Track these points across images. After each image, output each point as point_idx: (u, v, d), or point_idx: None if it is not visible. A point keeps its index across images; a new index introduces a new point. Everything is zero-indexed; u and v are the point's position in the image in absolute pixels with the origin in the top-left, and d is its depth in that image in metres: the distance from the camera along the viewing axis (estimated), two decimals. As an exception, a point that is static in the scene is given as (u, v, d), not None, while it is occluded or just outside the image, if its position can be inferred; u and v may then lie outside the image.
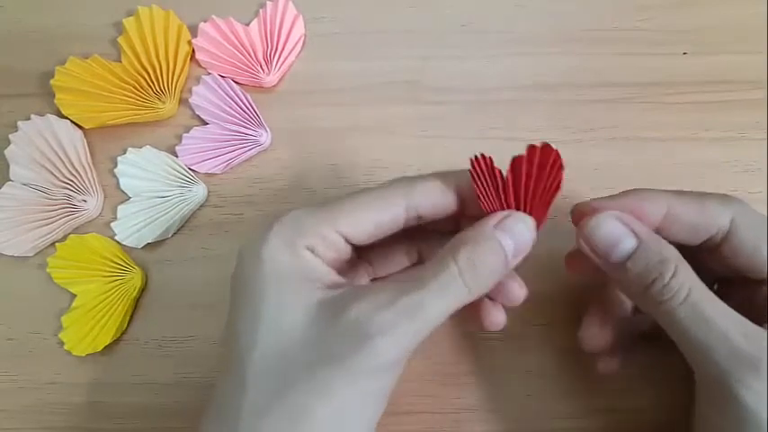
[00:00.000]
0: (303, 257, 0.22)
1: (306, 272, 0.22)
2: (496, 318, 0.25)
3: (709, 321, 0.21)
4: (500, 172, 0.23)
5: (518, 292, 0.24)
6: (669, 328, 0.22)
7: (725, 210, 0.23)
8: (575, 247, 0.24)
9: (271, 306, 0.21)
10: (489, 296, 0.24)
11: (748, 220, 0.23)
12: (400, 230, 0.24)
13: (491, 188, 0.23)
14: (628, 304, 0.26)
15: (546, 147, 0.22)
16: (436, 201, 0.23)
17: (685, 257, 0.22)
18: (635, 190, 0.24)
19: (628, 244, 0.22)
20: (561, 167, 0.22)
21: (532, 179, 0.23)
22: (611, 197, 0.24)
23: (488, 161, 0.23)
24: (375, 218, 0.23)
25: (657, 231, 0.23)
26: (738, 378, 0.20)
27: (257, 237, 0.22)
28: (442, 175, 0.24)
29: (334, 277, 0.23)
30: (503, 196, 0.23)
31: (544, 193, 0.23)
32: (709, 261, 0.24)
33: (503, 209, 0.23)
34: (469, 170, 0.23)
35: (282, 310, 0.21)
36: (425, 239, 0.27)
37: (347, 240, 0.23)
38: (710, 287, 0.22)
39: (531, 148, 0.22)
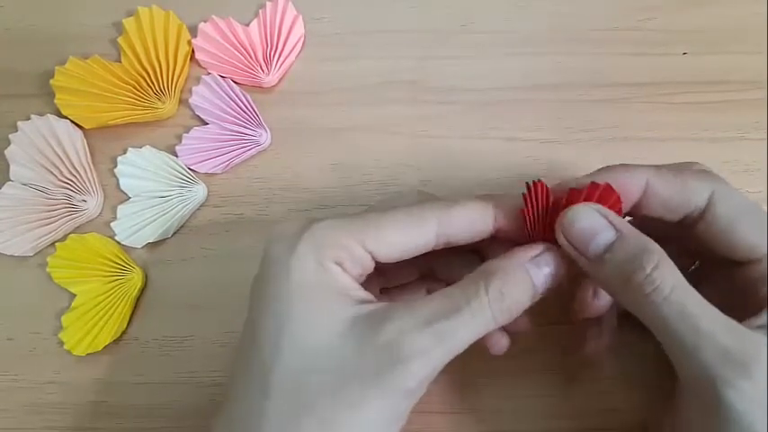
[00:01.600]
0: (331, 271, 0.22)
1: (334, 286, 0.22)
2: (500, 342, 0.25)
3: (695, 319, 0.20)
4: (554, 202, 0.22)
5: (522, 323, 0.24)
6: (653, 325, 0.21)
7: (704, 186, 0.23)
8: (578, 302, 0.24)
9: (296, 317, 0.21)
10: None
11: (726, 197, 0.23)
12: None
13: (539, 217, 0.23)
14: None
15: (608, 188, 0.22)
16: (472, 229, 0.23)
17: (664, 240, 0.22)
18: (613, 166, 0.24)
19: (606, 236, 0.22)
20: (620, 211, 0.22)
21: None
22: (590, 175, 0.24)
23: (544, 189, 0.22)
24: (405, 241, 0.23)
25: (636, 206, 0.23)
26: (726, 379, 0.19)
27: (286, 244, 0.22)
28: (480, 203, 0.23)
29: (362, 293, 0.22)
30: (546, 227, 0.23)
31: None
32: (688, 242, 0.24)
33: (544, 240, 0.23)
34: (523, 194, 0.22)
35: (309, 323, 0.21)
36: (438, 254, 0.26)
37: (374, 258, 0.23)
38: (687, 268, 0.21)
39: (594, 185, 0.22)
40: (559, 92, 0.33)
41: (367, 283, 0.26)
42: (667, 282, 0.21)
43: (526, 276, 0.22)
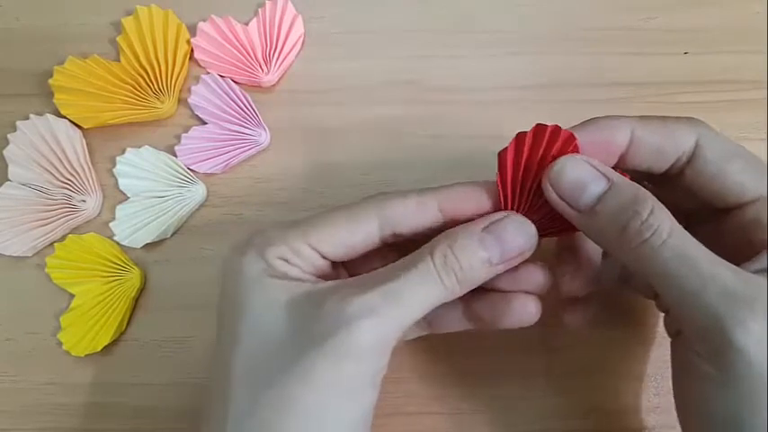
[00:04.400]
0: (275, 264, 0.22)
1: (281, 276, 0.22)
2: (522, 310, 0.23)
3: (696, 261, 0.19)
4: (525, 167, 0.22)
5: (536, 278, 0.23)
6: (651, 273, 0.20)
7: (689, 131, 0.22)
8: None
9: (250, 304, 0.21)
10: (509, 288, 0.24)
11: (713, 141, 0.22)
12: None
13: (510, 181, 0.22)
14: (596, 253, 0.25)
15: (556, 128, 0.22)
16: (413, 219, 0.23)
17: (652, 192, 0.21)
18: (597, 118, 0.23)
19: (597, 186, 0.21)
20: (578, 149, 0.22)
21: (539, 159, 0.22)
22: (574, 127, 0.23)
23: (512, 151, 0.22)
24: (346, 236, 0.23)
25: (623, 158, 0.23)
26: (734, 320, 0.19)
27: (236, 251, 0.23)
28: (420, 193, 0.23)
29: (313, 278, 0.23)
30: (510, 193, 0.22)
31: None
32: (675, 193, 0.23)
33: (507, 208, 0.23)
34: (499, 153, 0.22)
35: (262, 307, 0.21)
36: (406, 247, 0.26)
37: (323, 256, 0.23)
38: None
39: (539, 127, 0.22)
40: (559, 92, 0.33)
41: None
42: (665, 225, 0.20)
43: (474, 242, 0.21)
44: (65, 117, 0.33)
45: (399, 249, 0.24)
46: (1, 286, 0.32)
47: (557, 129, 0.22)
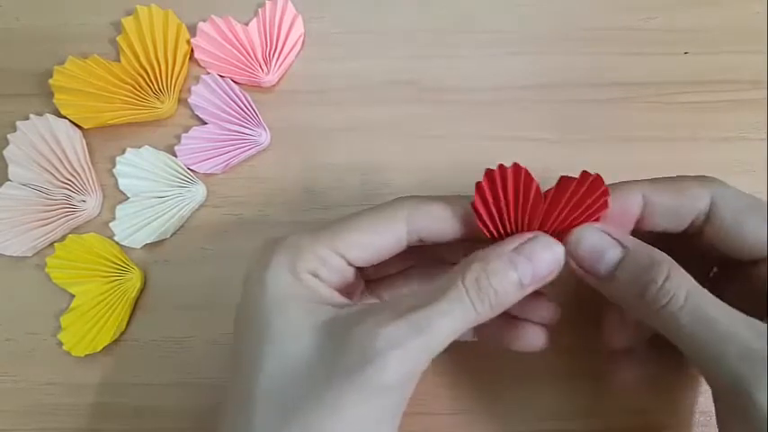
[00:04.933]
0: (305, 281, 0.22)
1: (309, 294, 0.21)
2: (532, 338, 0.24)
3: (715, 322, 0.20)
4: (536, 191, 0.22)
5: (546, 312, 0.24)
6: (673, 336, 0.21)
7: (703, 191, 0.23)
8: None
9: (275, 327, 0.21)
10: (519, 315, 0.24)
11: (728, 199, 0.22)
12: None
13: (515, 207, 0.22)
14: None
15: (598, 179, 0.22)
16: (441, 227, 0.23)
17: (677, 248, 0.22)
18: (609, 186, 0.23)
19: (613, 253, 0.22)
20: (607, 205, 0.22)
21: (571, 205, 0.22)
22: None
23: (516, 173, 0.22)
24: (376, 241, 0.22)
25: (640, 223, 0.23)
26: (754, 379, 0.19)
27: (260, 263, 0.22)
28: (449, 200, 0.23)
29: (340, 298, 0.22)
30: (513, 218, 0.22)
31: (581, 220, 0.22)
32: (699, 248, 0.23)
33: (513, 231, 0.23)
34: (478, 183, 0.22)
35: (287, 331, 0.21)
36: (423, 252, 0.26)
37: (349, 263, 0.23)
38: (707, 275, 0.21)
39: (585, 174, 0.22)
40: (559, 92, 0.33)
41: (355, 288, 0.25)
42: (681, 290, 0.20)
43: (506, 264, 0.21)
44: (65, 117, 0.33)
45: (419, 253, 0.24)
46: (1, 286, 0.32)
47: (599, 179, 0.22)
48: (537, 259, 0.22)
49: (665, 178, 0.24)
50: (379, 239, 0.22)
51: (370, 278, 0.27)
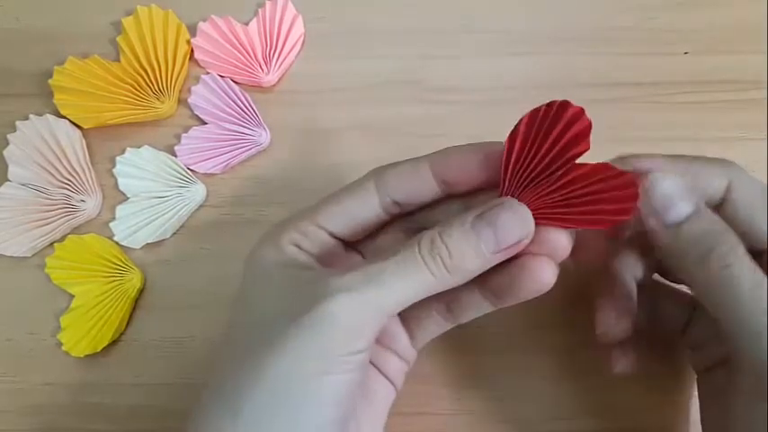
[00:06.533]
0: (286, 251, 0.23)
1: (288, 261, 0.23)
2: (540, 271, 0.22)
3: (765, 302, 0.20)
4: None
5: (558, 241, 0.22)
6: (725, 299, 0.21)
7: (721, 173, 0.23)
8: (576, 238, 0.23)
9: (255, 290, 0.23)
10: (530, 250, 0.22)
11: (744, 184, 0.22)
12: (397, 227, 0.24)
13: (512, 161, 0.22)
14: (634, 295, 0.25)
15: (629, 176, 0.21)
16: (409, 185, 0.23)
17: None
18: (624, 156, 0.24)
19: (686, 206, 0.22)
20: (637, 196, 0.21)
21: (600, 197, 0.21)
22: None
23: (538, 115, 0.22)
24: (349, 209, 0.23)
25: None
26: None
27: (255, 246, 0.24)
28: (414, 159, 0.23)
29: (318, 266, 0.23)
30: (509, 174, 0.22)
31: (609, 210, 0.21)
32: None
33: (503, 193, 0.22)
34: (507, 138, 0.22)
35: (262, 292, 0.22)
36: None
37: (332, 235, 0.23)
38: None
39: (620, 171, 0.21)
40: (559, 92, 0.33)
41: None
42: (746, 260, 0.21)
43: (464, 227, 0.21)
44: (65, 117, 0.33)
45: (414, 232, 0.24)
46: (1, 286, 0.32)
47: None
48: (501, 226, 0.21)
49: (682, 156, 0.23)
50: (352, 207, 0.23)
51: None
